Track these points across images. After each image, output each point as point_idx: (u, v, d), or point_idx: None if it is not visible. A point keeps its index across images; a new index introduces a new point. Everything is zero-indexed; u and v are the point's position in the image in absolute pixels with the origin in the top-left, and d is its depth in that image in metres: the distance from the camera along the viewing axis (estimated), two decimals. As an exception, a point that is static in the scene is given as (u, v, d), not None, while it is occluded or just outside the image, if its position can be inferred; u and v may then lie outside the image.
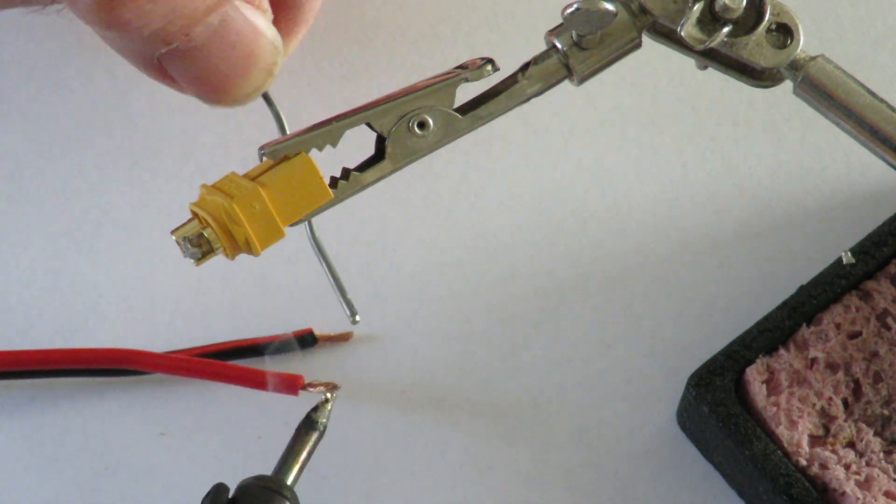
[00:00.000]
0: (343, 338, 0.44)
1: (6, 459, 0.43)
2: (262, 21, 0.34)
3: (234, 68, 0.34)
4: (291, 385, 0.41)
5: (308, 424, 0.40)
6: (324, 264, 0.37)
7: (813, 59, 0.34)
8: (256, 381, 0.42)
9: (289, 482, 0.39)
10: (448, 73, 0.35)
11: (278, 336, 0.43)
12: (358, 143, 0.35)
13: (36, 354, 0.43)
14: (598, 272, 0.45)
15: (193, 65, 0.34)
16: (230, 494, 0.38)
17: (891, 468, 0.39)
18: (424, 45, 0.48)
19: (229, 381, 0.42)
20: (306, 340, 0.43)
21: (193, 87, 0.35)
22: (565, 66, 0.35)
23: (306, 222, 0.36)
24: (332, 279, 0.37)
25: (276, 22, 0.35)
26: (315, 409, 0.40)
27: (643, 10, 0.34)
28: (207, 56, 0.34)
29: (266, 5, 0.35)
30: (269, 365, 0.43)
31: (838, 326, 0.41)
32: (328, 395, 0.40)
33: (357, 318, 0.37)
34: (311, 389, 0.41)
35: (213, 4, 0.33)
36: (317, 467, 0.41)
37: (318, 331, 0.43)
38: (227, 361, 0.43)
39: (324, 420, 0.40)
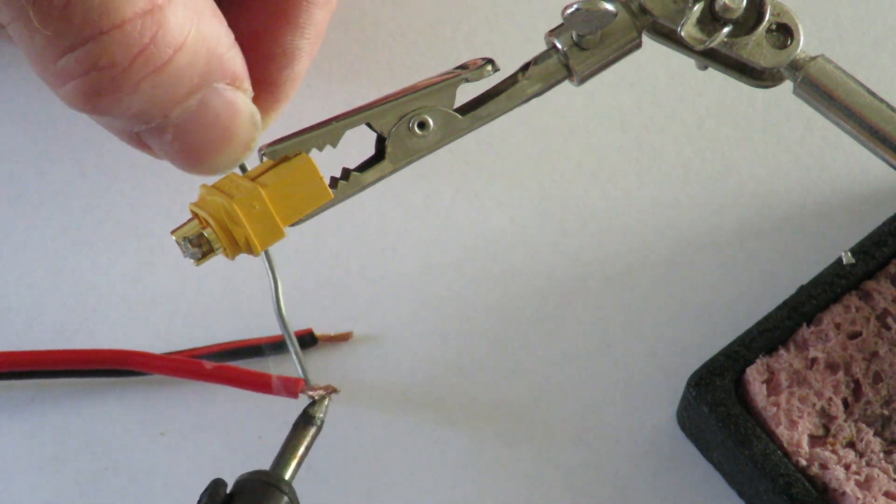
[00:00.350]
0: (343, 338, 0.44)
1: (6, 459, 0.43)
2: (241, 100, 0.35)
3: (211, 144, 0.35)
4: (291, 388, 0.41)
5: (305, 419, 0.40)
6: (285, 332, 0.40)
7: (813, 59, 0.34)
8: (256, 383, 0.42)
9: (286, 477, 0.39)
10: (448, 73, 0.35)
11: (278, 337, 0.43)
12: (358, 143, 0.35)
13: (36, 354, 0.43)
14: (598, 272, 0.45)
15: (171, 140, 0.34)
16: (228, 489, 0.38)
17: (891, 468, 0.39)
18: (424, 45, 0.48)
19: (229, 382, 0.42)
20: (306, 340, 0.43)
21: (170, 159, 0.35)
22: (565, 67, 0.35)
23: (273, 290, 0.38)
24: (292, 346, 0.40)
25: (256, 99, 0.35)
26: (312, 403, 0.40)
27: (643, 10, 0.34)
28: (185, 133, 0.34)
29: (247, 86, 0.35)
30: (271, 366, 0.43)
31: (838, 326, 0.41)
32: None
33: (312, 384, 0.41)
34: (311, 393, 0.41)
35: (193, 88, 0.33)
36: (317, 467, 0.41)
37: (318, 331, 0.43)
38: (227, 362, 0.43)
39: (321, 415, 0.40)
